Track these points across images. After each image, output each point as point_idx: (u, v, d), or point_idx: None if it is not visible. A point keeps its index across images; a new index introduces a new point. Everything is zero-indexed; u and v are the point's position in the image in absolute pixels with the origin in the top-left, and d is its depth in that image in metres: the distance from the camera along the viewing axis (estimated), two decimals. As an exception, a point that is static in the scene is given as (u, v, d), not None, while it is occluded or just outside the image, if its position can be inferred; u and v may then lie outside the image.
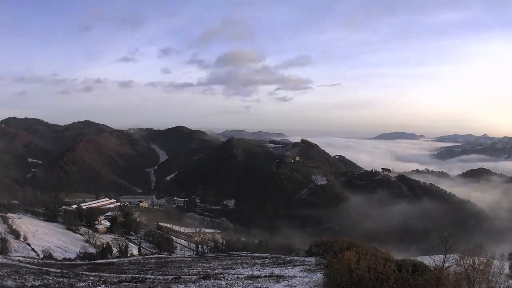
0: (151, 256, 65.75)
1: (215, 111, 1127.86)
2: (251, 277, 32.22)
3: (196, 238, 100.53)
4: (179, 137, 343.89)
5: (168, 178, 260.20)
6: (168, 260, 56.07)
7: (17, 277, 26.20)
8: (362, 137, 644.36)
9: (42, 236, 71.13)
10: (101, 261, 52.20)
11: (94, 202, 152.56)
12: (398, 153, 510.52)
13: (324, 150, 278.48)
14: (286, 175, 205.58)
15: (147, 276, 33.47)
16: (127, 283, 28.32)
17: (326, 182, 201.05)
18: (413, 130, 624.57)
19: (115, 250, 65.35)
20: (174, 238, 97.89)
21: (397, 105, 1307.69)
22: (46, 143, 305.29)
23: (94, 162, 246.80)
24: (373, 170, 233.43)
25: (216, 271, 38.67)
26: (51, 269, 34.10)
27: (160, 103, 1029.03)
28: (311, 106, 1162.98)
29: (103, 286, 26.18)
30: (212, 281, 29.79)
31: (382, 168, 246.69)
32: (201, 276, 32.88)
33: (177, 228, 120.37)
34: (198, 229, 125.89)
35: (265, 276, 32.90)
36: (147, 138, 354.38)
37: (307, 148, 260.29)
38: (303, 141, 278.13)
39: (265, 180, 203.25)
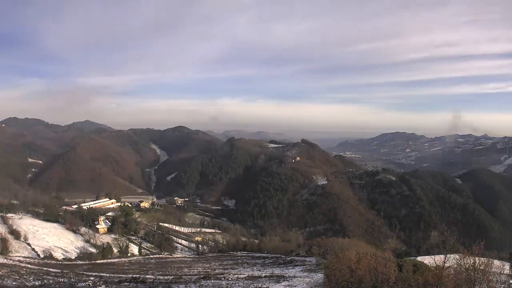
0: (151, 256, 65.75)
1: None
2: (252, 277, 32.20)
3: (196, 238, 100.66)
4: (179, 137, 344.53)
5: (169, 178, 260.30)
6: (168, 260, 56.09)
7: (18, 277, 26.19)
8: (362, 137, 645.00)
9: (43, 236, 71.10)
10: (102, 261, 52.21)
11: (94, 202, 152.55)
12: (398, 153, 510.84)
13: (324, 150, 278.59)
14: (286, 175, 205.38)
15: (147, 276, 33.44)
16: (127, 283, 28.31)
17: (326, 182, 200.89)
18: (413, 130, 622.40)
19: (115, 250, 65.39)
20: (175, 238, 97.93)
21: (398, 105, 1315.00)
22: (47, 143, 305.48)
23: (94, 162, 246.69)
24: (374, 170, 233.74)
25: (217, 271, 38.67)
26: (51, 269, 34.09)
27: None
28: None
29: (104, 286, 26.15)
30: (212, 281, 29.76)
31: (382, 168, 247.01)
32: (202, 276, 32.85)
33: (177, 228, 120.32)
34: (198, 229, 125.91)
35: (265, 276, 32.88)
36: (147, 138, 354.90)
37: (307, 148, 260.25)
38: (303, 141, 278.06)
39: (266, 180, 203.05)
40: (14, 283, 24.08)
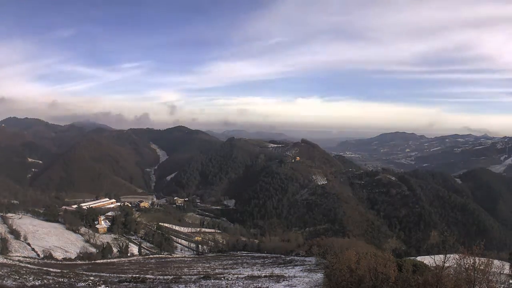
0: (151, 256, 65.75)
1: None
2: (252, 277, 32.19)
3: (196, 238, 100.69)
4: (179, 137, 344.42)
5: (168, 178, 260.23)
6: (168, 260, 56.11)
7: (17, 277, 26.18)
8: (362, 137, 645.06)
9: (42, 236, 71.12)
10: (101, 261, 52.22)
11: (94, 202, 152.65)
12: (398, 153, 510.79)
13: (324, 150, 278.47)
14: (286, 175, 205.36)
15: (147, 276, 33.44)
16: (127, 283, 28.31)
17: (326, 182, 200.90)
18: (413, 130, 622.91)
19: (115, 250, 65.40)
20: (174, 238, 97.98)
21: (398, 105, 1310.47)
22: (46, 143, 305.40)
23: (94, 162, 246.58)
24: (373, 170, 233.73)
25: (216, 271, 38.69)
26: (51, 269, 34.09)
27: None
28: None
29: (103, 286, 26.14)
30: (212, 281, 29.76)
31: (382, 168, 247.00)
32: (201, 276, 32.85)
33: (177, 228, 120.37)
34: (198, 229, 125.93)
35: (265, 276, 32.88)
36: (147, 138, 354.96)
37: (307, 148, 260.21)
38: (303, 141, 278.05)
39: (265, 180, 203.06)
40: (14, 283, 24.07)
